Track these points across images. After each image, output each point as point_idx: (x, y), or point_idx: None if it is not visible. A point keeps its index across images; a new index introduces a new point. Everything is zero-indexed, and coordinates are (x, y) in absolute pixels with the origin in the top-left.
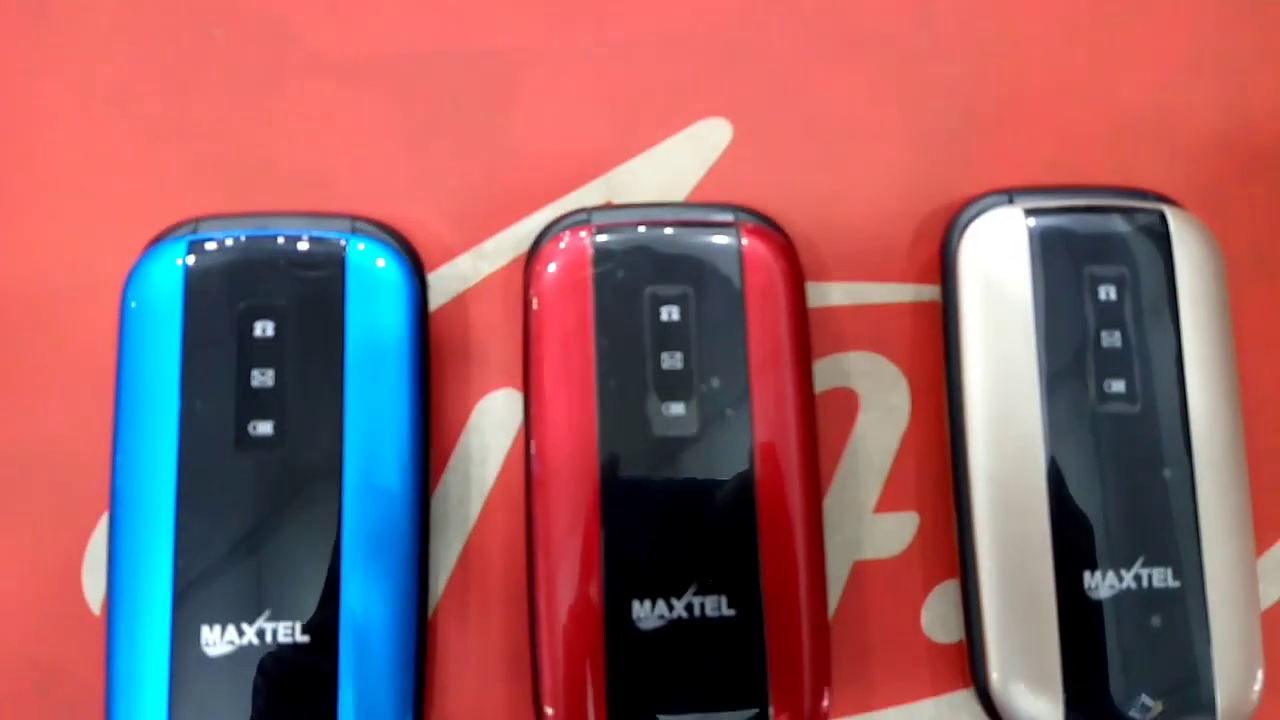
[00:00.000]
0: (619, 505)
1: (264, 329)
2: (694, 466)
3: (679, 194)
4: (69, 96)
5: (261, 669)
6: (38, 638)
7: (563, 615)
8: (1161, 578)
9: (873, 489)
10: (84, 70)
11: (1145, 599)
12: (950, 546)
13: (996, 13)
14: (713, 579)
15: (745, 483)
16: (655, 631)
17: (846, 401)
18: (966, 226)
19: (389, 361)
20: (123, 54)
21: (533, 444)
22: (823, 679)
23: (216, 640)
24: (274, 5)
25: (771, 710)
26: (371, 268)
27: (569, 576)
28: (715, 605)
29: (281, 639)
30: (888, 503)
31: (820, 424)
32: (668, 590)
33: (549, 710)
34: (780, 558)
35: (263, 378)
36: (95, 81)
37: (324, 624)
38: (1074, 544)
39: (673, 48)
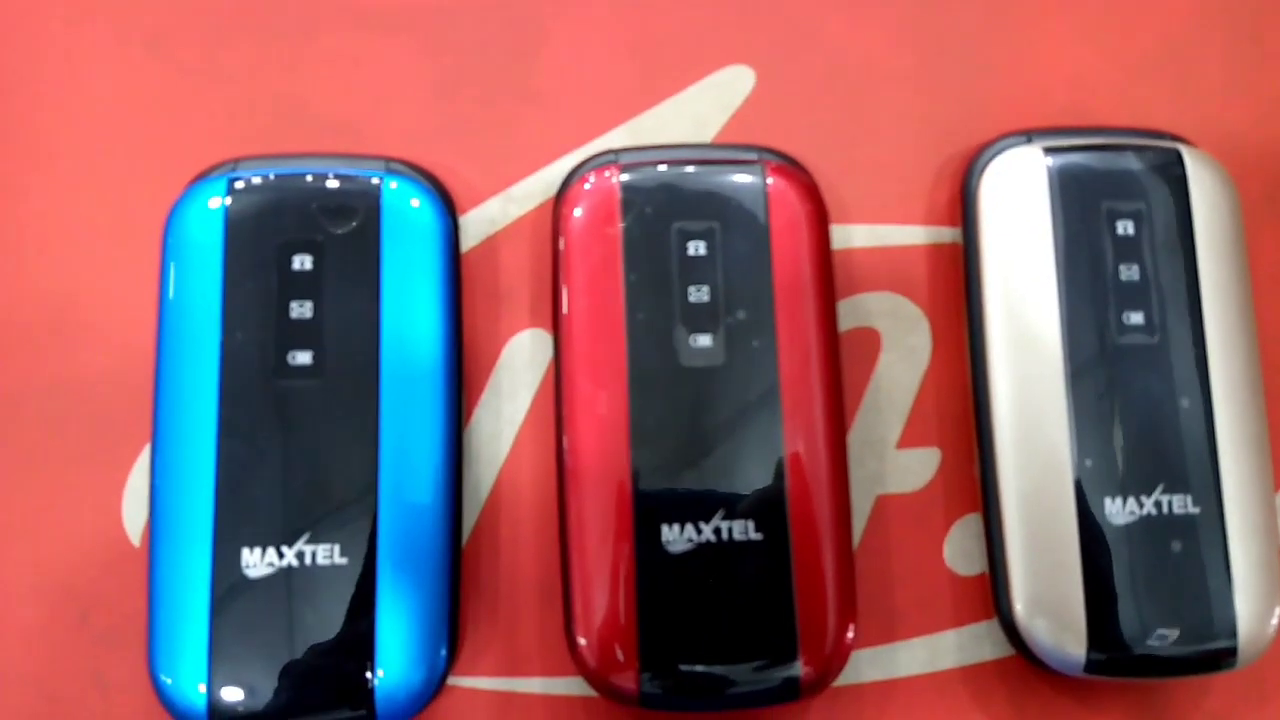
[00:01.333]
0: (648, 433)
1: (302, 263)
2: (721, 395)
3: (703, 139)
4: (108, 44)
5: (301, 590)
6: (79, 569)
7: (594, 541)
8: (1181, 504)
9: (895, 425)
10: (122, 18)
11: (1165, 525)
12: (971, 481)
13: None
14: (739, 504)
15: (771, 411)
16: (684, 555)
17: (868, 341)
18: (986, 166)
19: (423, 294)
20: (161, 1)
21: (563, 374)
22: (849, 604)
23: (257, 562)
24: None
25: (799, 635)
26: (405, 205)
27: (600, 503)
28: (743, 530)
29: (320, 561)
30: (910, 438)
31: (843, 363)
32: (696, 515)
33: (581, 640)
34: (805, 483)
35: (301, 309)
36: (133, 29)
37: (361, 547)
38: (1094, 473)
39: None
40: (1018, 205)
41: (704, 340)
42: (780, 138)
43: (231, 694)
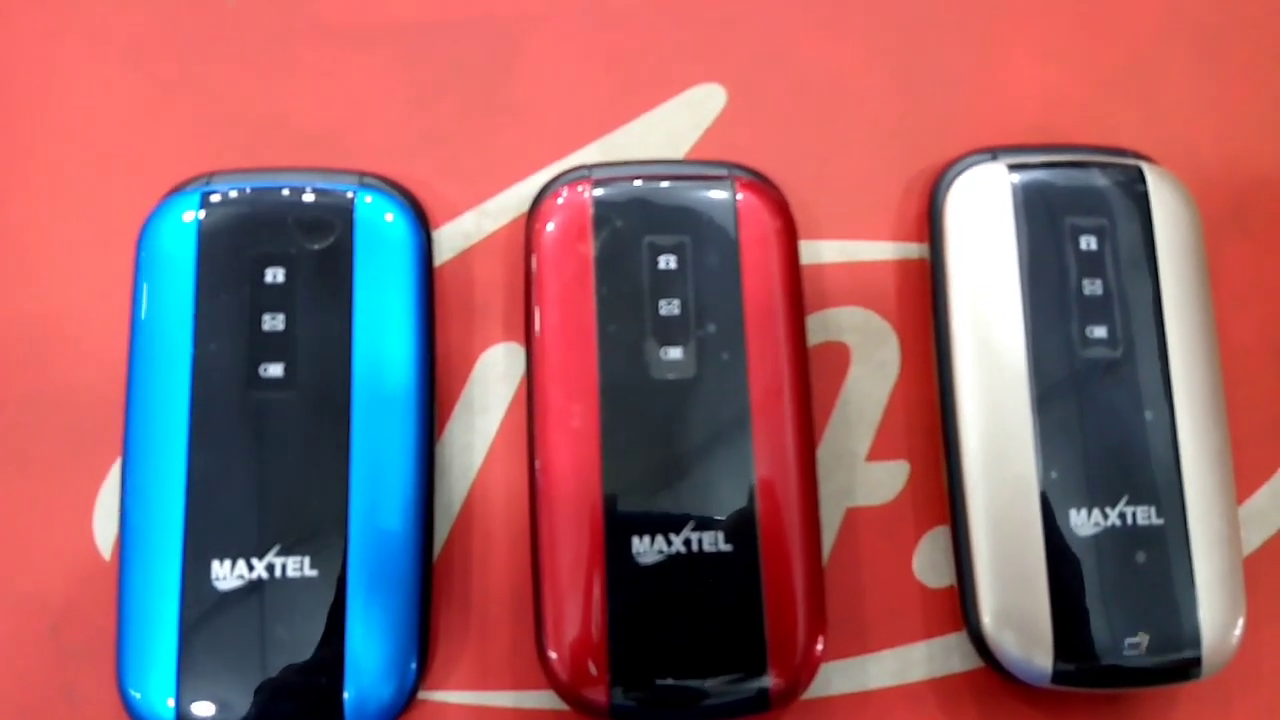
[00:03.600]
0: (619, 445)
1: (275, 276)
2: (691, 407)
3: (675, 155)
4: (84, 58)
5: (271, 603)
6: (49, 582)
7: (565, 552)
8: (1145, 515)
9: (864, 438)
10: (99, 32)
11: (1130, 536)
12: (939, 494)
13: (989, 28)
14: (709, 516)
15: (741, 422)
16: (654, 567)
17: (838, 355)
18: (952, 182)
19: (396, 308)
20: (138, 15)
21: (535, 387)
22: (818, 615)
23: (227, 574)
24: None
25: (768, 646)
26: (379, 218)
27: (571, 515)
28: (713, 541)
29: (291, 573)
30: (879, 452)
31: (813, 377)
32: (666, 526)
33: (552, 654)
34: (774, 495)
35: (273, 322)
36: (109, 43)
37: (332, 559)
38: (1060, 485)
39: (668, 15)
40: (983, 221)
41: (674, 353)
42: (751, 154)
43: (200, 708)
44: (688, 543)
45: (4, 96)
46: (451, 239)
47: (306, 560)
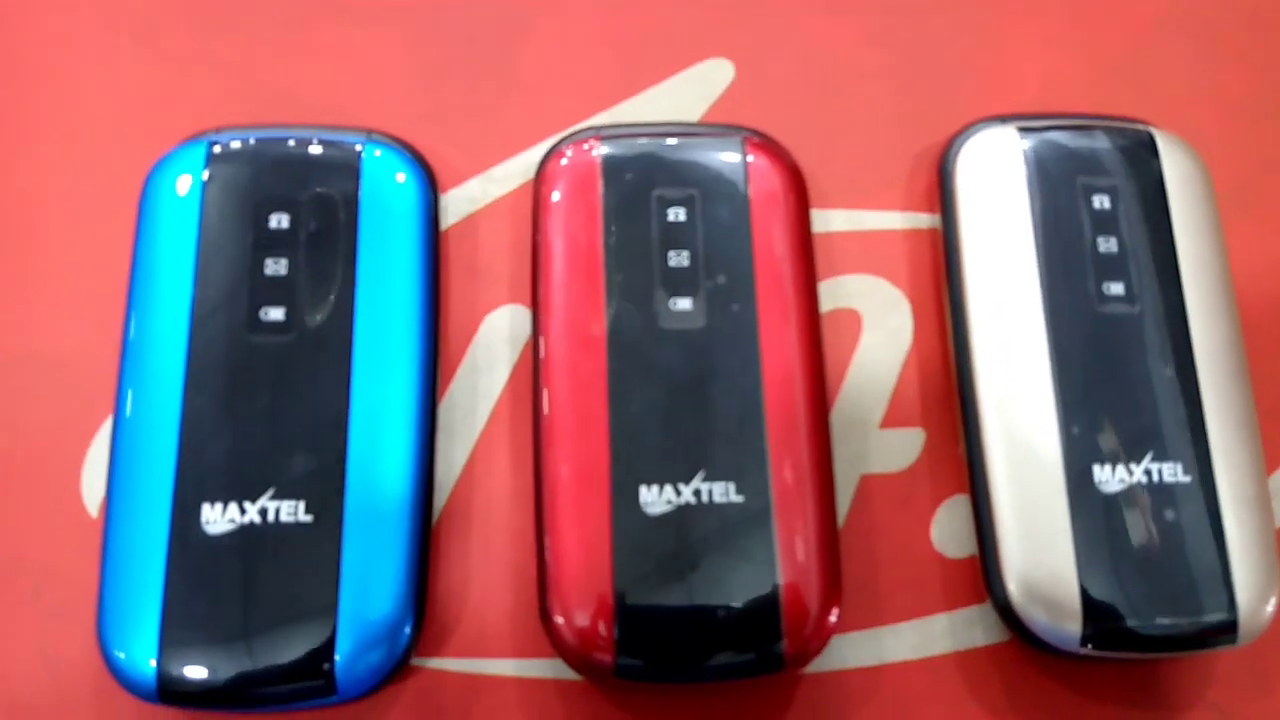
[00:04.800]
0: (627, 397)
1: (279, 221)
2: (700, 357)
3: None
4: (97, 32)
5: (262, 551)
6: (33, 541)
7: (571, 506)
8: (1171, 473)
9: (878, 406)
10: (111, 7)
11: (1156, 494)
12: (957, 461)
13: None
14: (720, 465)
15: (751, 372)
16: (663, 517)
17: (849, 322)
18: (963, 146)
19: (400, 258)
20: None
21: (542, 338)
22: (834, 573)
23: (217, 518)
24: None
25: (782, 599)
26: (386, 171)
27: (577, 465)
28: (724, 491)
29: (285, 518)
30: (893, 419)
31: (825, 343)
32: (675, 476)
33: (557, 617)
34: (787, 443)
35: (276, 266)
36: (121, 17)
37: (328, 504)
38: (1082, 443)
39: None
40: (996, 182)
41: (683, 304)
42: (759, 126)
43: (185, 668)
44: (698, 493)
45: (20, 68)
46: (457, 203)
47: (301, 505)
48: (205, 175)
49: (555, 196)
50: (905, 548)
